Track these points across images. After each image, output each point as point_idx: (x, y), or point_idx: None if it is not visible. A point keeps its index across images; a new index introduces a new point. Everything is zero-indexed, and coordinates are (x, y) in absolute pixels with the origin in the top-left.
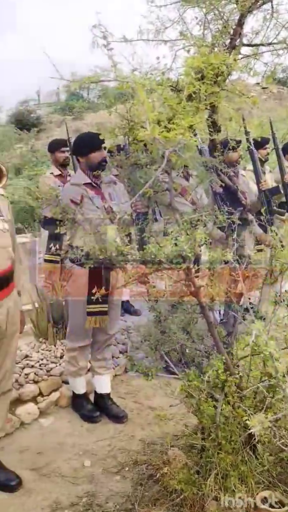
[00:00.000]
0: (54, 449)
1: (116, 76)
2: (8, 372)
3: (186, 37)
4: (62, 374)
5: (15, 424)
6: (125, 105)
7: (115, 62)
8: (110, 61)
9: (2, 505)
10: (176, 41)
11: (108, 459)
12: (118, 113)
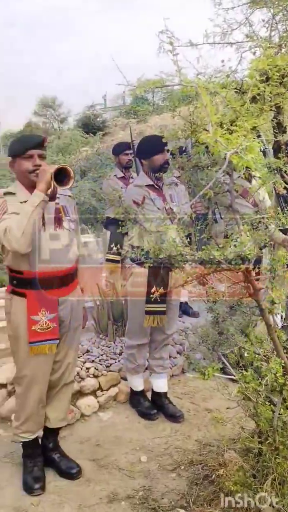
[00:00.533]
0: (112, 442)
1: (180, 81)
2: (71, 364)
3: (252, 38)
4: (121, 371)
5: (76, 415)
6: (188, 107)
7: (180, 67)
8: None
9: (62, 491)
10: (242, 43)
11: (164, 456)
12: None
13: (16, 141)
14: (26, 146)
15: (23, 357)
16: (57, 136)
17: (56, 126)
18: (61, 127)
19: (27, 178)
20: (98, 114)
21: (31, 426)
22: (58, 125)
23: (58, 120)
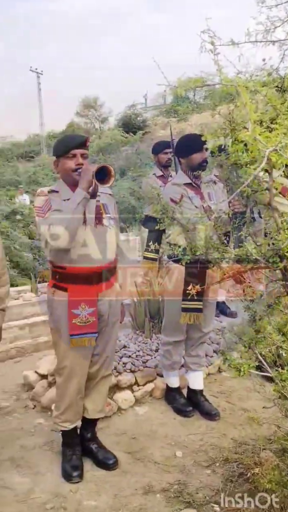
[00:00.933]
0: (148, 436)
1: (221, 80)
2: (109, 358)
3: None
4: (157, 367)
5: (113, 408)
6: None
7: (221, 67)
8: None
9: (99, 481)
10: (286, 41)
11: (199, 453)
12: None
13: (60, 141)
14: (70, 146)
15: (64, 349)
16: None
17: (97, 126)
18: (102, 127)
19: (70, 177)
20: (138, 114)
21: (70, 416)
22: (99, 125)
23: (99, 120)
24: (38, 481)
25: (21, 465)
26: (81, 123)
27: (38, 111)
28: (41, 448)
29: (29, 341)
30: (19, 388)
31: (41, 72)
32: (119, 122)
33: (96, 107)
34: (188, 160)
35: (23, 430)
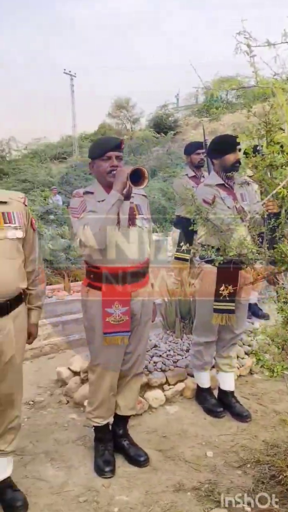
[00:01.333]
0: (179, 435)
1: (257, 82)
2: (140, 356)
3: None
4: (187, 367)
5: (144, 406)
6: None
7: (257, 69)
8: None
9: (131, 477)
10: None
11: (230, 453)
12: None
13: (96, 144)
14: (105, 148)
15: (97, 347)
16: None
17: (128, 126)
18: (133, 128)
19: (105, 179)
20: (170, 114)
21: (103, 412)
22: (130, 125)
23: (130, 121)
24: (72, 475)
25: (55, 458)
26: (113, 124)
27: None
28: (74, 443)
29: (62, 338)
30: (52, 383)
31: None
32: (150, 122)
33: (128, 108)
34: (221, 161)
35: (57, 424)
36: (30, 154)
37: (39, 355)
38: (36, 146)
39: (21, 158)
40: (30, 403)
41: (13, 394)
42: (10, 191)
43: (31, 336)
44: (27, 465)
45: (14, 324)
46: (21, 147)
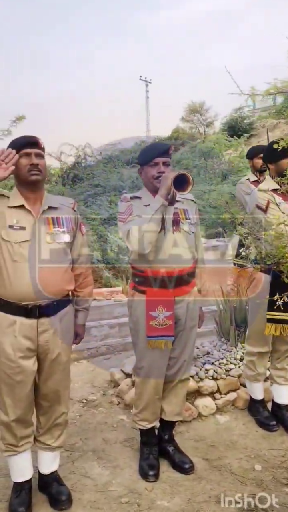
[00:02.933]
0: (227, 446)
1: None
2: (186, 362)
3: None
4: (240, 376)
5: (193, 413)
6: None
7: None
8: None
9: (174, 483)
10: None
11: (279, 469)
12: None
13: (144, 150)
14: (152, 154)
15: (141, 349)
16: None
17: (201, 130)
18: (206, 131)
19: (152, 184)
20: (245, 116)
21: (148, 416)
22: (203, 129)
23: (204, 124)
24: (116, 475)
25: (102, 457)
26: (186, 128)
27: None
28: (122, 444)
29: (118, 340)
30: (106, 384)
31: (149, 81)
32: (224, 125)
33: (202, 111)
34: (276, 166)
35: (106, 424)
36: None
37: (95, 355)
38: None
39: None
40: (83, 401)
41: (59, 391)
42: (62, 197)
43: (78, 336)
44: (75, 461)
45: (61, 324)
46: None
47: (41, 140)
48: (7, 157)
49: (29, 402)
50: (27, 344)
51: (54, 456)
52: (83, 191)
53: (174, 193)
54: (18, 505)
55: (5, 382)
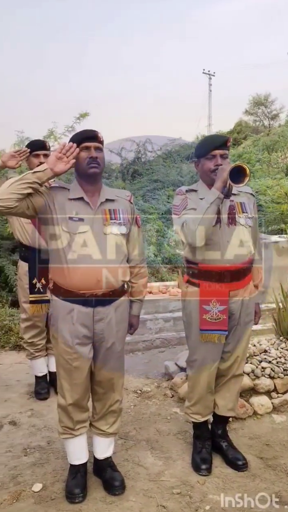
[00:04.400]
0: (283, 446)
1: None
2: (240, 358)
3: None
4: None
5: (248, 411)
6: None
7: None
8: None
9: (227, 479)
10: None
11: None
12: None
13: (201, 143)
14: (210, 147)
15: (194, 343)
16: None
17: (266, 123)
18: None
19: (209, 177)
20: None
21: (201, 409)
22: (268, 122)
23: (269, 117)
24: (169, 466)
25: (155, 447)
26: (250, 121)
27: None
28: (175, 436)
29: (173, 333)
30: (160, 376)
31: (213, 74)
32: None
33: (267, 104)
34: None
35: (160, 416)
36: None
37: (150, 348)
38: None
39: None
40: (138, 392)
41: (113, 379)
42: (119, 189)
43: (132, 327)
44: (129, 449)
45: (115, 313)
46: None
47: (100, 134)
48: (68, 151)
49: (85, 387)
50: (84, 331)
51: (109, 442)
52: (142, 186)
53: (230, 186)
54: (74, 487)
55: (63, 367)
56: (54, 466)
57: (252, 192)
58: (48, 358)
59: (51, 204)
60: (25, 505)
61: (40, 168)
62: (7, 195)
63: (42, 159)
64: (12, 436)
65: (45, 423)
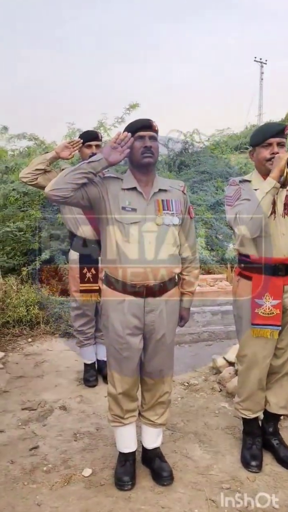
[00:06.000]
0: None
1: None
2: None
3: None
4: None
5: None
6: None
7: None
8: None
9: (278, 477)
10: None
11: None
12: None
13: (257, 130)
14: (266, 135)
15: (245, 337)
16: None
17: None
18: None
19: (264, 166)
20: None
21: (251, 405)
22: None
23: None
24: (218, 460)
25: (204, 441)
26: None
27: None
28: (223, 430)
29: (220, 327)
30: (208, 370)
31: (265, 62)
32: None
33: None
34: None
35: (208, 409)
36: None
37: (197, 341)
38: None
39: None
40: (185, 384)
41: (163, 371)
42: (172, 180)
43: (183, 319)
44: (176, 441)
45: (166, 305)
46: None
47: (155, 123)
48: (123, 140)
49: (134, 377)
50: (135, 322)
51: (157, 432)
52: (189, 177)
53: (287, 175)
54: (123, 474)
55: (114, 356)
56: (103, 453)
57: None
58: (96, 347)
59: (104, 194)
60: (76, 489)
61: (95, 158)
62: (63, 184)
63: (95, 149)
64: (63, 421)
65: (94, 409)
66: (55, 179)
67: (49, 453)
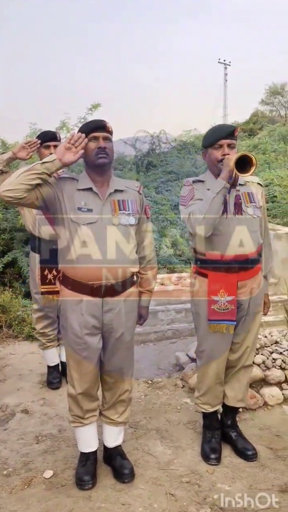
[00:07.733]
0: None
1: None
2: (249, 348)
3: None
4: None
5: (258, 402)
6: None
7: None
8: None
9: (236, 469)
10: None
11: None
12: None
13: (209, 132)
14: (217, 136)
15: (203, 333)
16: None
17: (283, 113)
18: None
19: (216, 167)
20: None
21: (210, 400)
22: (285, 111)
23: (285, 106)
24: (179, 455)
25: (165, 437)
26: (266, 111)
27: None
28: (185, 425)
29: (184, 325)
30: (171, 367)
31: (229, 63)
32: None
33: (283, 93)
34: None
35: (170, 405)
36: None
37: (162, 339)
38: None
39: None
40: (149, 382)
41: (123, 369)
42: (128, 180)
43: (142, 317)
44: (139, 438)
45: (125, 304)
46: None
47: (109, 124)
48: (77, 141)
49: (94, 377)
50: (93, 322)
51: (119, 431)
52: (156, 178)
53: (236, 175)
54: (84, 474)
55: (72, 357)
56: (65, 454)
57: (260, 182)
58: (60, 348)
59: (59, 194)
60: (36, 491)
61: (49, 159)
62: (16, 185)
63: (53, 150)
64: (25, 424)
65: (56, 411)
66: (8, 180)
67: (9, 457)
